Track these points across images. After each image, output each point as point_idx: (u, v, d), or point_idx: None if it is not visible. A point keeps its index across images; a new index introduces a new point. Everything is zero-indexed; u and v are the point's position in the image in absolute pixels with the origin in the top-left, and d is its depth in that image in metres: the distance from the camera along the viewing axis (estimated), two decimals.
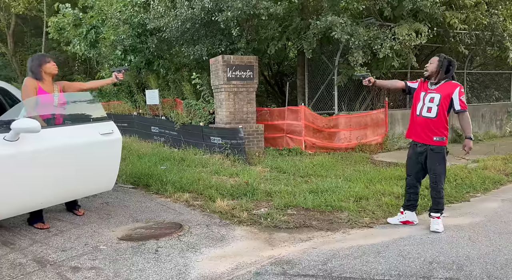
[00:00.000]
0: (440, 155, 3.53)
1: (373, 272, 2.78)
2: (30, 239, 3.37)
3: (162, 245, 3.28)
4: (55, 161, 3.24)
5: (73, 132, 3.38)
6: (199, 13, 7.06)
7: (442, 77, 3.52)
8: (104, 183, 3.79)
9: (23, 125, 2.89)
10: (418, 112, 3.62)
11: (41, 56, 3.84)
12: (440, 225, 3.59)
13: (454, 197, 4.81)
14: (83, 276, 2.73)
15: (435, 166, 3.55)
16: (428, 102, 3.55)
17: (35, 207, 3.34)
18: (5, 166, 2.93)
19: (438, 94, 3.51)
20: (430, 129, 3.54)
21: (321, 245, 3.31)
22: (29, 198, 3.18)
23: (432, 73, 3.55)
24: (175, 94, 9.49)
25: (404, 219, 3.82)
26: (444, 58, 3.51)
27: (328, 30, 6.70)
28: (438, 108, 3.50)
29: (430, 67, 3.56)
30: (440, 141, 3.52)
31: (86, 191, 3.75)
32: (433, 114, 3.52)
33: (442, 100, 3.48)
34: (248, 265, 2.91)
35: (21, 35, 18.77)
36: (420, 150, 3.63)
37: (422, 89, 3.65)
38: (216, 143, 7.30)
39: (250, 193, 4.76)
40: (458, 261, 2.93)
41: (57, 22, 10.64)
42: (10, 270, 2.80)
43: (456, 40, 7.90)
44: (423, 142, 3.60)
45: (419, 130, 3.62)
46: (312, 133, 7.94)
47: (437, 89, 3.54)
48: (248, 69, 7.49)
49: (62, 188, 3.39)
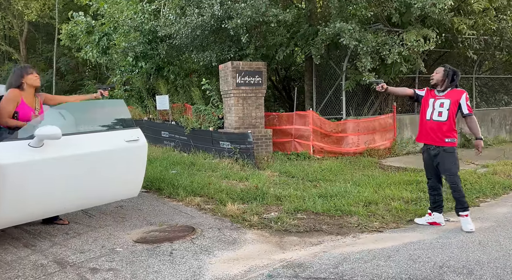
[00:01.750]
0: (453, 154, 3.77)
1: (384, 275, 2.82)
2: (50, 241, 3.48)
3: (176, 247, 3.37)
4: (79, 167, 3.34)
5: (98, 139, 3.48)
6: (209, 20, 7.19)
7: (448, 85, 3.83)
8: (129, 190, 3.86)
9: (45, 132, 3.01)
10: (429, 116, 3.87)
11: (23, 67, 3.71)
12: (471, 225, 3.74)
13: None
14: (101, 277, 2.82)
15: (451, 165, 3.75)
16: (439, 107, 3.82)
17: (60, 211, 3.47)
18: (31, 171, 3.05)
19: (448, 100, 3.80)
20: (442, 131, 3.78)
21: (331, 249, 3.36)
22: (55, 203, 3.30)
23: (438, 81, 3.86)
24: (184, 99, 9.63)
25: (432, 220, 3.99)
26: (449, 69, 3.83)
27: (337, 36, 6.78)
28: (448, 112, 3.78)
29: (436, 76, 3.86)
30: (452, 142, 3.77)
31: (111, 197, 3.82)
32: (444, 117, 3.79)
33: (451, 105, 3.77)
34: (260, 268, 2.98)
35: (33, 42, 19.15)
36: (433, 152, 3.84)
37: (430, 96, 3.93)
38: (225, 147, 7.39)
39: (260, 197, 4.84)
40: (469, 265, 2.96)
41: (70, 29, 10.87)
42: (33, 270, 2.90)
43: (465, 45, 7.93)
44: (436, 145, 3.81)
45: (431, 134, 3.84)
46: (320, 137, 8.00)
47: (445, 95, 3.84)
48: (257, 75, 7.59)
49: (86, 194, 3.48)
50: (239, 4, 6.75)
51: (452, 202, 4.75)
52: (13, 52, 18.02)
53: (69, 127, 3.47)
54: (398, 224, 4.05)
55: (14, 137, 3.12)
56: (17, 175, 2.97)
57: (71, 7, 15.36)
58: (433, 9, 5.73)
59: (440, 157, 3.78)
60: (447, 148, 3.75)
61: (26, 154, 3.02)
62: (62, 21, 14.40)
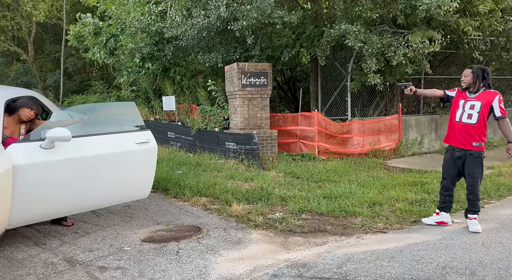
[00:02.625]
0: (478, 159, 3.74)
1: (387, 275, 2.86)
2: (60, 240, 3.56)
3: (183, 247, 3.43)
4: (90, 169, 3.41)
5: (109, 141, 3.55)
6: (215, 22, 7.26)
7: (480, 86, 3.73)
8: (139, 191, 3.92)
9: (56, 134, 3.10)
10: (458, 118, 3.81)
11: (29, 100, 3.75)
12: (478, 226, 3.80)
13: None
14: (110, 275, 2.89)
15: (474, 170, 3.75)
16: (469, 109, 3.74)
17: (70, 212, 3.54)
18: (42, 172, 3.13)
19: (479, 102, 3.70)
20: (470, 134, 3.73)
21: (335, 249, 3.40)
22: (65, 203, 3.37)
23: (469, 84, 3.76)
24: (191, 100, 9.71)
25: (439, 220, 4.02)
26: (477, 69, 3.75)
27: (342, 38, 6.81)
28: (478, 115, 3.69)
29: (466, 79, 3.78)
30: (479, 146, 3.72)
31: (122, 198, 3.89)
32: (473, 120, 3.71)
33: (482, 108, 3.68)
34: (265, 267, 3.03)
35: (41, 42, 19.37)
36: (458, 154, 3.82)
37: (460, 97, 3.84)
38: (230, 148, 7.46)
39: (265, 198, 4.89)
40: (471, 266, 2.99)
41: (78, 31, 11.01)
42: (43, 268, 2.99)
43: (470, 46, 7.91)
44: (462, 147, 3.78)
45: (458, 136, 3.80)
46: (325, 138, 8.03)
47: (477, 97, 3.74)
48: (262, 76, 7.64)
49: (96, 195, 3.56)
50: (244, 6, 6.81)
51: (457, 203, 4.79)
52: (21, 52, 18.24)
53: (79, 129, 3.55)
54: (402, 225, 4.08)
55: (26, 139, 3.20)
56: (29, 176, 3.05)
57: (79, 8, 15.52)
58: (438, 11, 5.74)
59: (465, 160, 3.77)
60: (473, 152, 3.72)
61: (37, 155, 3.10)
62: (70, 22, 14.55)
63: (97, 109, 4.06)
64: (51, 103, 4.79)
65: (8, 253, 3.24)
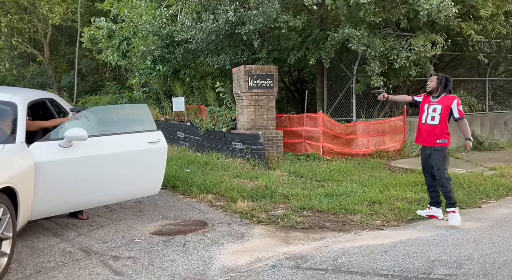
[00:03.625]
0: (441, 152, 4.16)
1: (379, 268, 3.06)
2: (76, 231, 3.85)
3: (189, 239, 3.68)
4: (104, 166, 3.70)
5: (122, 140, 3.83)
6: (223, 25, 7.51)
7: (442, 91, 4.22)
8: (150, 188, 4.18)
9: (73, 134, 3.38)
10: (424, 120, 4.29)
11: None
12: (456, 219, 4.04)
13: (466, 203, 4.98)
14: (122, 264, 3.15)
15: (437, 162, 4.15)
16: (432, 112, 4.22)
17: (86, 206, 3.83)
18: (61, 169, 3.41)
19: (440, 105, 4.19)
20: (434, 134, 4.19)
21: (333, 244, 3.61)
22: (82, 198, 3.65)
23: (433, 89, 4.26)
24: (199, 100, 9.99)
25: (430, 213, 4.39)
26: (442, 77, 4.25)
27: (346, 41, 6.99)
28: (440, 116, 4.16)
29: (431, 84, 4.27)
30: (443, 143, 4.16)
31: (133, 194, 4.16)
32: (436, 121, 4.18)
33: (443, 110, 4.16)
34: (265, 259, 3.26)
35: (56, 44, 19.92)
36: (428, 152, 4.28)
37: (425, 101, 4.35)
38: (237, 148, 7.70)
39: (268, 196, 5.11)
40: (459, 260, 3.17)
41: (92, 34, 11.40)
42: (62, 256, 3.27)
43: (475, 49, 8.00)
44: (429, 146, 4.24)
45: (425, 136, 4.27)
46: (330, 139, 8.21)
47: (438, 101, 4.23)
48: (269, 78, 7.86)
49: (110, 191, 3.83)
50: (251, 11, 7.04)
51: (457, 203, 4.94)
52: (37, 54, 18.80)
53: (95, 129, 3.83)
54: (399, 223, 4.26)
55: (47, 138, 3.49)
56: (50, 172, 3.34)
57: (93, 11, 15.95)
58: (439, 15, 5.88)
59: (431, 155, 4.21)
60: (438, 147, 4.16)
61: (57, 153, 3.39)
62: (84, 24, 14.99)
63: (112, 110, 4.34)
64: (68, 104, 5.11)
65: (30, 243, 3.53)
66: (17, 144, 3.28)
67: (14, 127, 3.37)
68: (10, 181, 2.88)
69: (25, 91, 4.46)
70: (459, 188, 5.61)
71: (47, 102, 4.34)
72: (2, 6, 16.53)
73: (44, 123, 4.15)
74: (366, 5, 6.27)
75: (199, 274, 2.98)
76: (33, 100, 3.90)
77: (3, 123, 3.42)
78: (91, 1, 16.42)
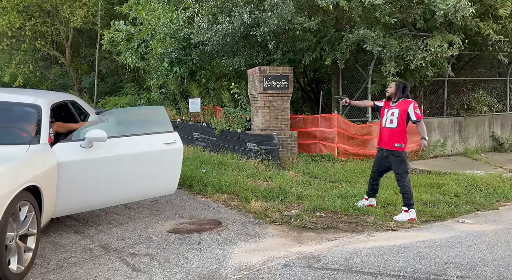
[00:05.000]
0: (399, 158, 4.37)
1: (390, 268, 3.08)
2: (96, 229, 4.01)
3: (204, 238, 3.78)
4: (123, 166, 3.84)
5: (140, 141, 3.97)
6: (238, 27, 7.60)
7: (400, 96, 4.41)
8: (166, 187, 4.31)
9: (94, 135, 3.53)
10: (384, 124, 4.51)
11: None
12: (402, 216, 4.33)
13: (483, 205, 4.92)
14: (139, 261, 3.27)
15: (397, 168, 4.41)
16: (390, 116, 4.43)
17: (106, 205, 3.98)
18: (82, 168, 3.57)
19: (397, 109, 4.39)
20: (392, 137, 4.39)
21: (345, 245, 3.64)
22: (102, 196, 3.80)
23: (392, 94, 4.46)
24: (215, 101, 10.12)
25: (368, 204, 4.78)
26: (399, 83, 4.50)
27: (361, 42, 6.97)
28: (398, 120, 4.36)
29: (390, 90, 4.49)
30: (400, 147, 4.36)
31: (151, 193, 4.30)
32: (394, 125, 4.38)
33: (400, 114, 4.34)
34: (278, 258, 3.32)
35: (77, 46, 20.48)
36: (385, 154, 4.50)
37: (385, 106, 4.55)
38: (252, 148, 7.78)
39: (282, 196, 5.17)
40: (473, 262, 3.15)
41: (112, 37, 11.70)
42: (83, 253, 3.41)
43: (495, 49, 7.84)
44: (387, 148, 4.45)
45: (384, 139, 4.50)
46: (345, 140, 8.19)
47: (396, 105, 4.43)
48: (283, 79, 7.91)
49: (129, 190, 3.97)
50: (266, 13, 7.11)
51: (472, 205, 4.90)
52: (59, 56, 19.37)
53: (114, 130, 3.97)
54: (412, 224, 4.25)
55: (69, 139, 3.65)
56: (71, 171, 3.49)
57: (112, 13, 16.34)
58: (456, 15, 5.81)
59: (390, 159, 4.44)
60: (395, 152, 4.37)
61: (78, 154, 3.54)
62: (104, 27, 15.37)
63: (130, 112, 4.48)
64: (88, 106, 5.30)
65: (53, 239, 3.70)
66: (41, 144, 3.44)
67: (38, 129, 3.54)
68: (35, 180, 3.04)
69: (48, 93, 4.65)
70: (476, 190, 5.53)
71: (69, 104, 4.53)
72: (26, 10, 17.11)
73: (74, 125, 4.35)
74: (381, 6, 6.25)
75: (213, 271, 3.07)
76: (55, 102, 4.08)
77: (28, 124, 3.59)
78: (110, 5, 16.82)
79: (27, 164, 3.14)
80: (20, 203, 2.87)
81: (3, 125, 3.54)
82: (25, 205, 2.94)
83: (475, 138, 9.79)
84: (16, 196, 2.76)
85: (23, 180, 2.90)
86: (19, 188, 2.81)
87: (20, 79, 17.87)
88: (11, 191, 2.73)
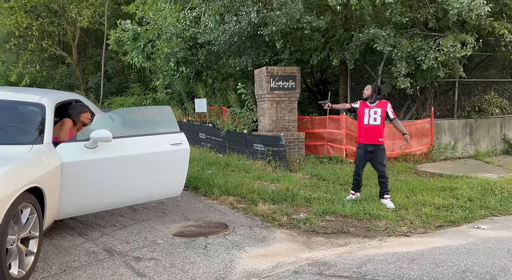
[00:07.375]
0: (383, 150, 4.98)
1: (406, 277, 2.94)
2: (100, 231, 3.91)
3: (210, 242, 3.66)
4: (128, 167, 3.73)
5: (145, 142, 3.87)
6: (245, 27, 7.49)
7: (377, 98, 4.97)
8: (172, 189, 4.20)
9: (99, 135, 3.44)
10: (366, 122, 4.96)
11: (79, 106, 4.36)
12: (390, 203, 4.83)
13: (498, 210, 4.77)
14: (144, 265, 3.17)
15: (382, 158, 4.93)
16: (373, 114, 4.93)
17: (110, 206, 3.88)
18: (86, 169, 3.47)
19: (379, 108, 4.93)
20: (376, 133, 4.90)
21: (357, 250, 3.51)
22: (106, 198, 3.71)
23: (368, 96, 4.99)
24: (221, 102, 10.02)
25: (354, 198, 5.06)
26: (375, 86, 5.07)
27: (371, 42, 6.82)
28: (380, 118, 4.91)
29: (367, 92, 5.00)
30: (382, 141, 4.94)
31: (156, 195, 4.18)
32: (378, 122, 4.92)
33: (382, 112, 4.91)
34: (287, 264, 3.20)
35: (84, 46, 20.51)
36: (370, 149, 4.95)
37: (364, 106, 5.02)
38: (258, 149, 7.66)
39: (290, 199, 5.04)
40: (492, 271, 3.00)
41: (118, 36, 11.66)
42: (86, 256, 3.31)
43: (508, 49, 7.65)
44: (372, 143, 4.92)
45: (368, 135, 4.94)
46: (353, 141, 8.03)
47: (376, 105, 4.96)
48: (291, 79, 7.79)
49: (134, 191, 3.87)
50: (274, 12, 6.99)
51: (486, 209, 4.75)
52: (66, 56, 19.41)
53: (120, 130, 3.87)
54: (426, 229, 4.11)
55: (73, 139, 3.56)
56: (75, 172, 3.40)
57: (119, 13, 16.34)
58: (470, 14, 5.65)
59: (375, 153, 4.90)
60: (380, 145, 4.93)
61: (82, 154, 3.45)
62: (110, 27, 15.36)
63: (136, 112, 4.39)
64: (93, 105, 5.21)
65: (56, 242, 3.60)
66: (44, 144, 3.35)
67: (42, 128, 3.45)
68: (37, 181, 2.94)
69: (53, 92, 4.57)
70: (490, 194, 5.37)
71: (74, 103, 4.44)
72: (34, 10, 17.16)
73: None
74: (392, 5, 6.10)
75: (220, 277, 2.96)
76: (60, 102, 3.99)
77: (31, 124, 3.51)
78: (117, 4, 16.81)
79: (30, 164, 3.04)
80: (21, 205, 2.77)
81: (6, 124, 3.46)
82: (27, 207, 2.85)
83: (486, 141, 9.59)
84: (17, 198, 2.67)
85: (25, 181, 2.81)
86: (21, 190, 2.72)
87: (27, 78, 17.93)
88: (13, 193, 2.63)
